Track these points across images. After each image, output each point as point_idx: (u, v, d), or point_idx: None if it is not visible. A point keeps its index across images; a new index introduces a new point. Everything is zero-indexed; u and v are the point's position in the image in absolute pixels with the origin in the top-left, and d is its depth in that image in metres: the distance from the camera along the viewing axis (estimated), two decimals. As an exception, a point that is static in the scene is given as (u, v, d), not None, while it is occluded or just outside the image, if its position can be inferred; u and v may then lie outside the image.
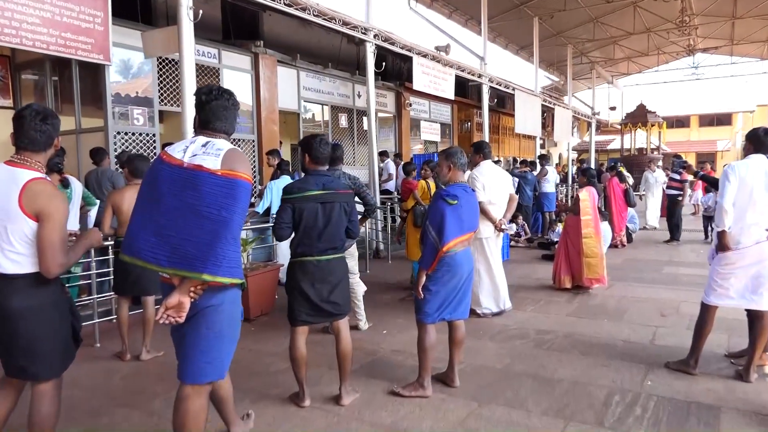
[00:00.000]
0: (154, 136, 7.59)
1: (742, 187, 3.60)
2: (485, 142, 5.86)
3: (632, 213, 10.78)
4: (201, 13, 6.06)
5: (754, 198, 3.57)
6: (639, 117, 21.02)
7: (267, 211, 6.69)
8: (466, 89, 17.02)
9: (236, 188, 2.19)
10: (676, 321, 5.14)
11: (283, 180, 6.43)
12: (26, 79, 8.23)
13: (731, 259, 3.67)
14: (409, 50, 10.21)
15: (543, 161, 11.89)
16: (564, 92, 21.03)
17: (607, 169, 12.90)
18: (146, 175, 2.35)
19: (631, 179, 11.71)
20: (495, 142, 18.18)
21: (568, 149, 20.98)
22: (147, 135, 7.51)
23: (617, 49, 20.45)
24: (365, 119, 10.91)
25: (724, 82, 27.80)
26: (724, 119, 34.93)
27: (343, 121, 11.83)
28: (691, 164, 6.58)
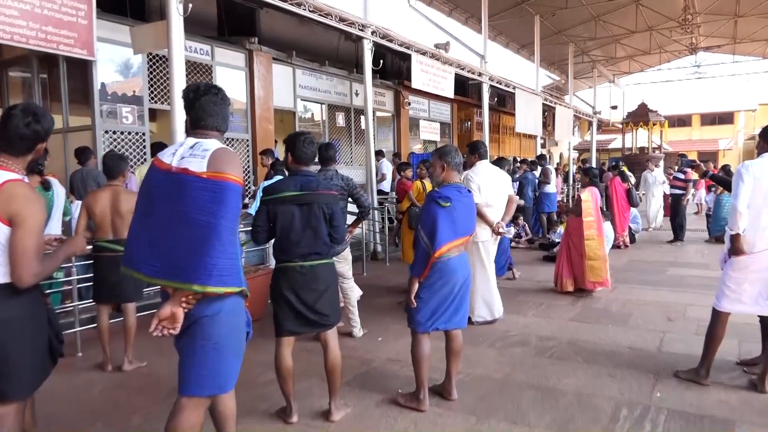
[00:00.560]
0: (143, 135, 7.39)
1: (757, 188, 3.41)
2: (481, 141, 5.66)
3: (635, 213, 10.61)
4: (191, 8, 5.89)
5: (769, 199, 3.37)
6: (640, 116, 20.81)
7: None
8: (466, 88, 16.83)
9: (224, 191, 2.03)
10: (684, 326, 4.95)
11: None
12: (13, 76, 8.04)
13: (745, 264, 3.48)
14: (407, 48, 10.00)
15: (542, 161, 11.71)
16: (565, 91, 20.86)
17: (609, 169, 12.71)
18: (142, 184, 2.26)
19: (633, 179, 11.55)
20: (495, 141, 18.03)
21: (569, 149, 20.83)
22: (136, 134, 7.31)
23: (619, 48, 20.30)
24: (363, 118, 10.72)
25: (726, 81, 27.65)
26: (726, 118, 34.74)
27: (341, 120, 11.64)
28: (701, 164, 6.35)
